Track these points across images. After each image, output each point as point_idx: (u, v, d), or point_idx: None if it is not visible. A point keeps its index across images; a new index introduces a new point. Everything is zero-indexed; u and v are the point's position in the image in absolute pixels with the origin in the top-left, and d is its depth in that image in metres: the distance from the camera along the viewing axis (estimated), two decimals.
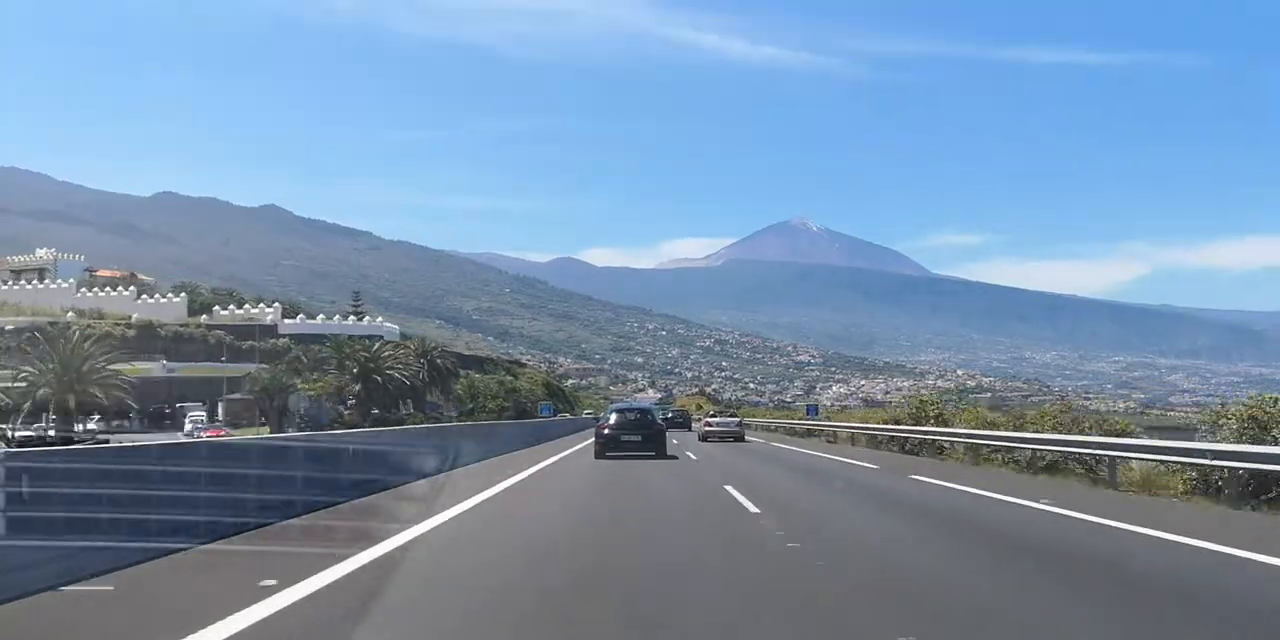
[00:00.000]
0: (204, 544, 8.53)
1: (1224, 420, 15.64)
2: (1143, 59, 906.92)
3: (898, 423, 32.51)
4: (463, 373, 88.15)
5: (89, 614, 6.14)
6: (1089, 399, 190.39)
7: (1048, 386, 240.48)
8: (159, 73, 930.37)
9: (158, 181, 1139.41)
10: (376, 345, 76.91)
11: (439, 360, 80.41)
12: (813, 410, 60.72)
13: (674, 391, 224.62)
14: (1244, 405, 15.74)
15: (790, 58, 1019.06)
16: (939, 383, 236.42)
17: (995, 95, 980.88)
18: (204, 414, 73.41)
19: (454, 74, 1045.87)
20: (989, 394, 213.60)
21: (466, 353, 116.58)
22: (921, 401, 33.59)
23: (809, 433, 48.25)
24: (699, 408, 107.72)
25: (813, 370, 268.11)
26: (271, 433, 55.97)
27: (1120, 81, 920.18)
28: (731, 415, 53.71)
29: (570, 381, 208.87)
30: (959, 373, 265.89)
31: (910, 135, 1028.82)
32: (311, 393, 73.79)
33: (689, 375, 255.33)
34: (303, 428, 61.48)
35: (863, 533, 10.85)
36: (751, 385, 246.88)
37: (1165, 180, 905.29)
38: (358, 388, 71.43)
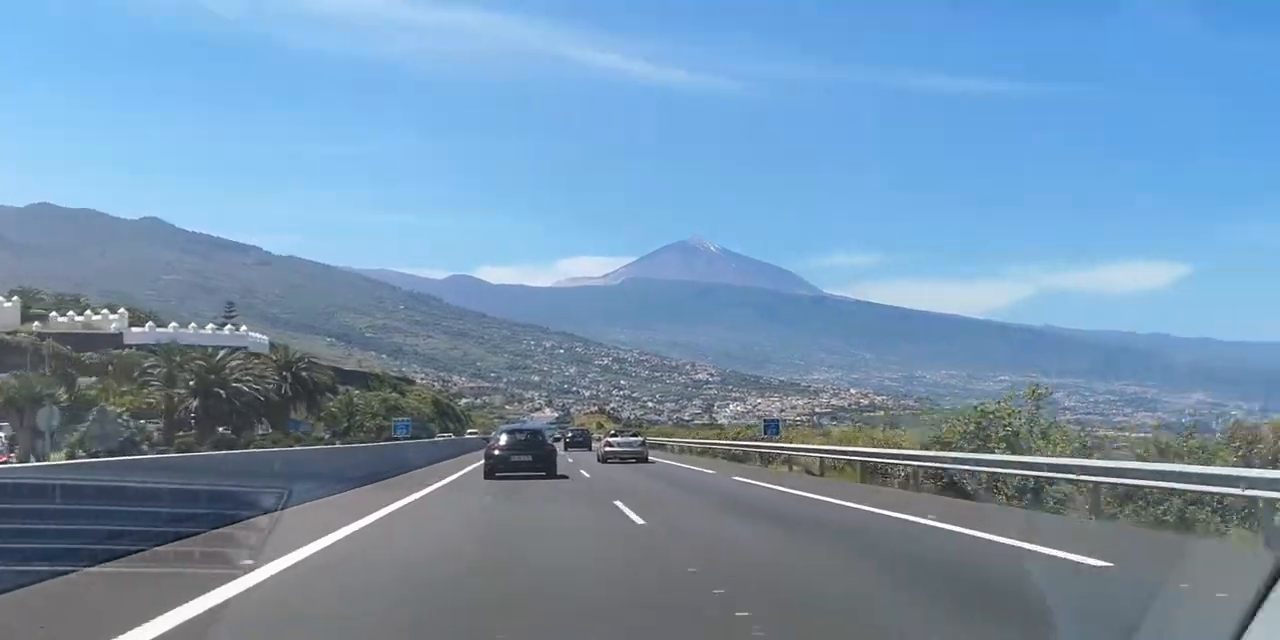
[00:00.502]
0: None
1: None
2: (1028, 88, 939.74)
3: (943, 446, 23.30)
4: (343, 389, 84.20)
5: None
6: None
7: (938, 404, 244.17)
8: (35, 81, 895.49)
9: (33, 192, 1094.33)
10: (221, 354, 67.51)
11: (305, 373, 71.97)
12: (772, 428, 47.79)
13: (572, 410, 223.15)
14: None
15: (690, 79, 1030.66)
16: (833, 401, 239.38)
17: (887, 119, 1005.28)
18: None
19: (348, 88, 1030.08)
20: (882, 412, 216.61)
21: (349, 368, 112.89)
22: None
23: (758, 457, 40.88)
24: (599, 426, 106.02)
25: (711, 388, 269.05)
26: (21, 459, 43.83)
27: (1006, 109, 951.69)
28: (635, 434, 51.07)
29: (465, 400, 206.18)
30: (852, 391, 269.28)
31: (804, 157, 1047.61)
32: (119, 409, 60.95)
33: (587, 394, 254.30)
34: (92, 452, 46.77)
35: None
36: (650, 403, 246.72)
37: (1050, 205, 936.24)
38: (195, 403, 61.96)
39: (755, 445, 44.02)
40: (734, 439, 53.57)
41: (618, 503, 17.14)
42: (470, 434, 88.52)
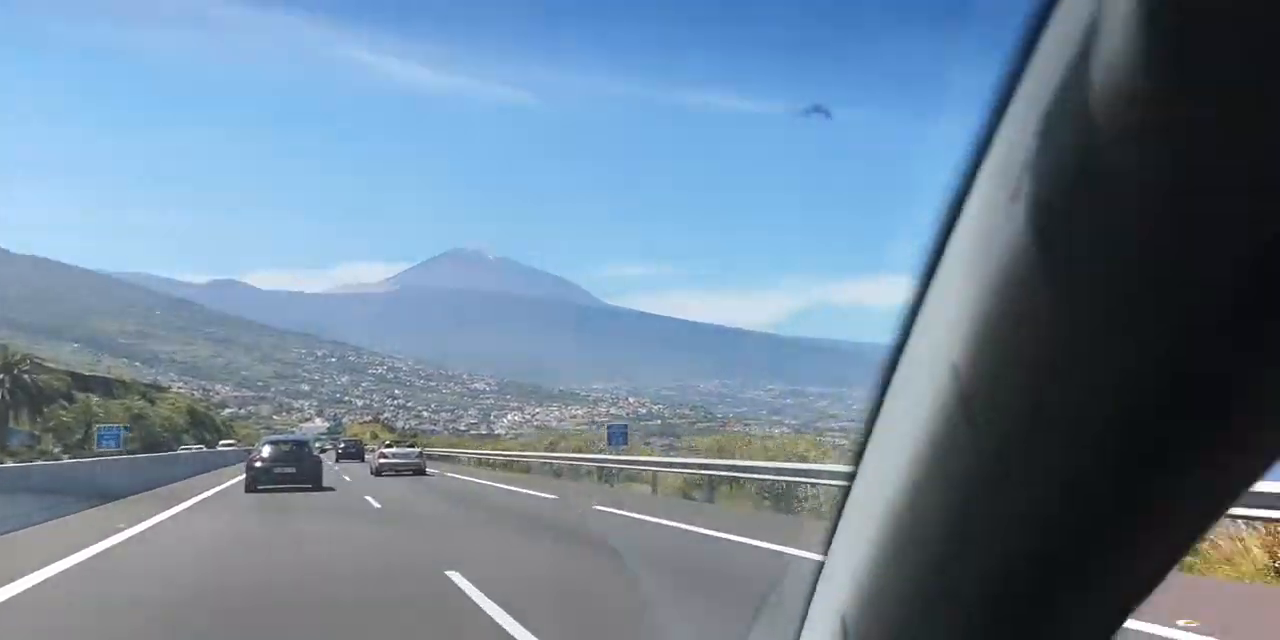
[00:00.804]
0: None
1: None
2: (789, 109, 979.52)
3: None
4: (82, 396, 76.54)
5: None
6: (748, 425, 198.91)
7: (711, 413, 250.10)
8: None
9: None
10: None
11: (29, 377, 64.84)
12: (617, 437, 38.96)
13: (344, 421, 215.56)
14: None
15: (472, 87, 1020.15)
16: (612, 410, 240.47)
17: (669, 134, 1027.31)
18: None
19: (110, 81, 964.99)
20: (659, 421, 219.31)
21: (90, 373, 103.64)
22: None
23: (595, 474, 34.00)
24: (374, 436, 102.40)
25: (488, 398, 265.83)
26: None
27: (773, 125, 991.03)
28: (411, 444, 49.33)
29: (229, 410, 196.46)
30: (630, 400, 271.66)
31: (587, 168, 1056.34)
32: None
33: (360, 404, 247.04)
34: None
35: None
36: (425, 413, 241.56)
37: (821, 220, 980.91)
38: None
39: (592, 459, 35.59)
40: (546, 450, 47.43)
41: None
42: (225, 445, 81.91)
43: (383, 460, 40.33)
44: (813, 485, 18.70)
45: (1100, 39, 0.56)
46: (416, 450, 44.35)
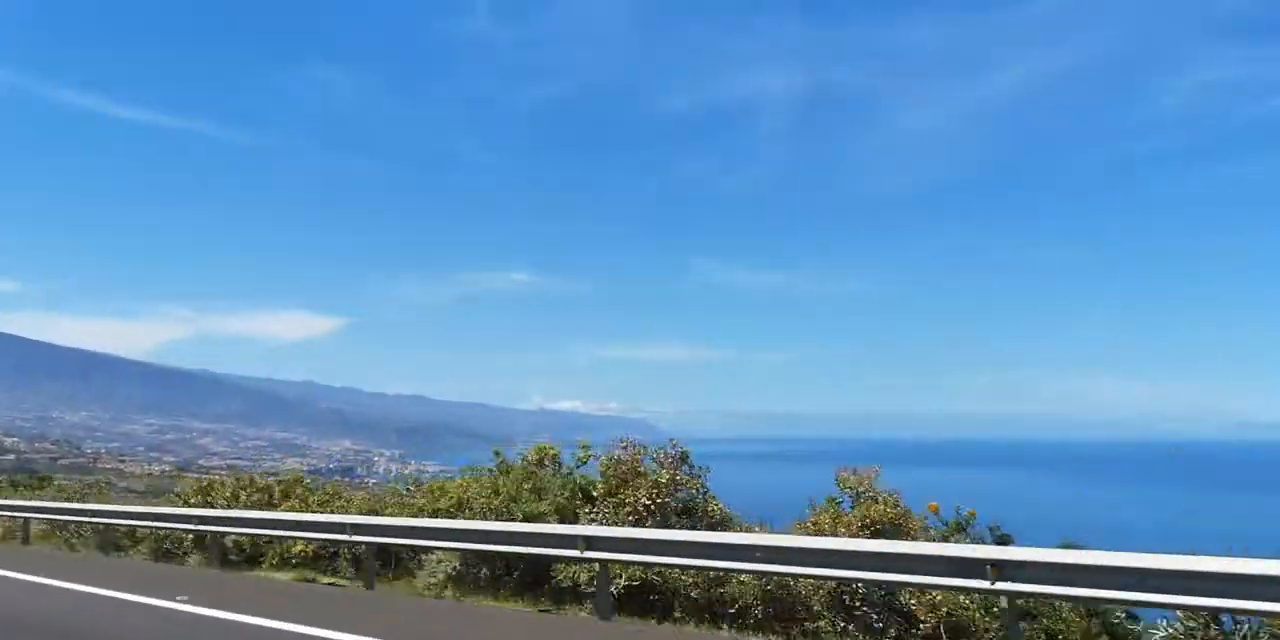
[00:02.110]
0: None
1: None
2: (199, 127, 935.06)
3: None
4: None
5: None
6: (124, 461, 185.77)
7: (79, 448, 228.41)
8: None
9: None
10: None
11: None
12: None
13: None
14: None
15: None
16: None
17: (40, 136, 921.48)
18: None
19: None
20: (13, 456, 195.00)
21: None
22: None
23: None
24: None
25: None
26: None
27: (178, 143, 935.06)
28: None
29: None
30: None
31: None
32: None
33: None
34: None
35: None
36: None
37: (211, 247, 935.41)
38: None
39: None
40: None
41: None
42: None
43: None
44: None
45: None
46: None
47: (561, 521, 13.47)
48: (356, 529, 14.03)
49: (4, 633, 9.30)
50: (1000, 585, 8.35)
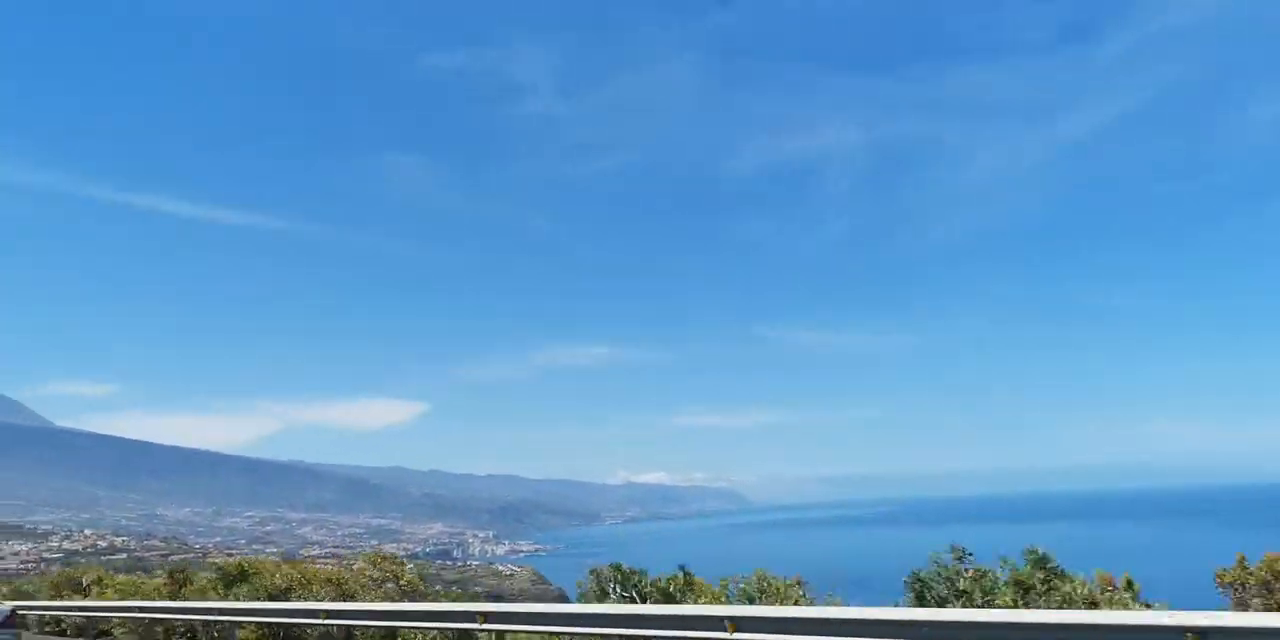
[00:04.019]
0: None
1: None
2: (273, 224, 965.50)
3: None
4: None
5: None
6: (230, 554, 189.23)
7: (186, 543, 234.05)
8: None
9: None
10: None
11: None
12: None
13: None
14: None
15: None
16: (65, 545, 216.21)
17: (135, 242, 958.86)
18: None
19: None
20: (124, 555, 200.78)
21: None
22: None
23: None
24: None
25: None
26: None
27: (254, 241, 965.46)
28: None
29: None
30: (87, 533, 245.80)
31: (27, 275, 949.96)
32: None
33: None
34: None
35: None
36: None
37: (297, 340, 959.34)
38: None
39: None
40: None
41: None
42: None
43: None
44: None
45: None
46: None
47: None
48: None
49: None
50: None
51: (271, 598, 20.53)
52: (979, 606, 11.05)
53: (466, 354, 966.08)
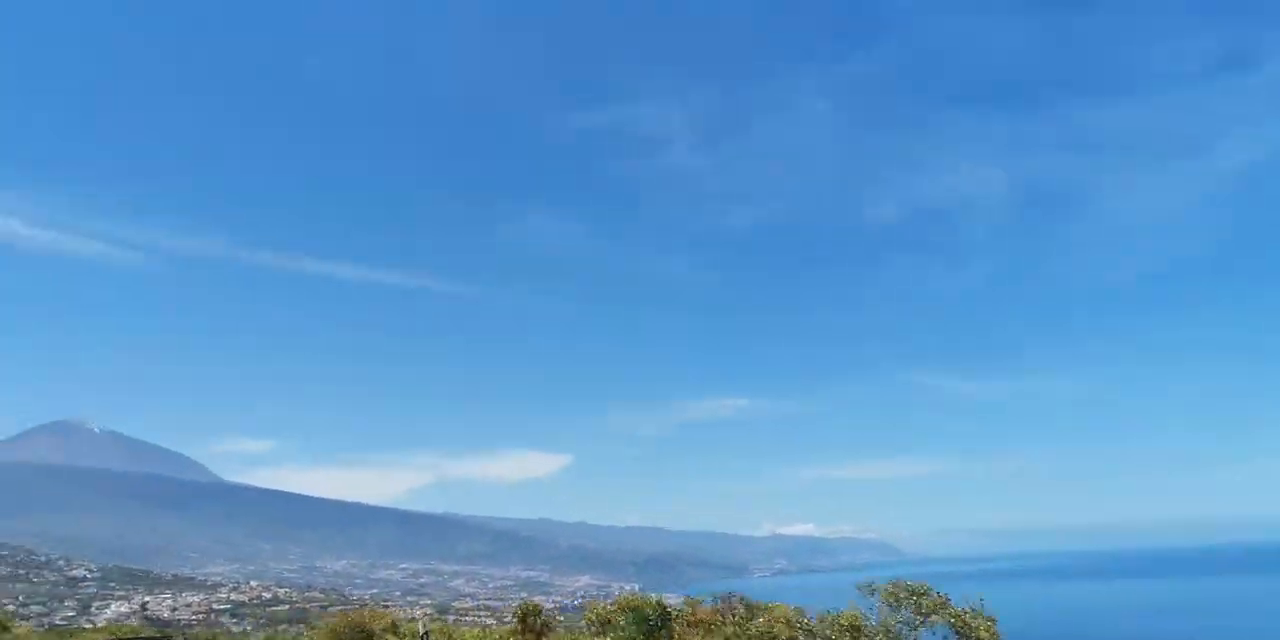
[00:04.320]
0: None
1: None
2: (423, 283, 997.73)
3: None
4: None
5: None
6: (388, 606, 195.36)
7: (344, 595, 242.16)
8: None
9: None
10: None
11: None
12: None
13: None
14: None
15: (74, 244, 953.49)
16: (233, 596, 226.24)
17: (290, 303, 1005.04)
18: None
19: None
20: (286, 605, 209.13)
21: None
22: None
23: None
24: None
25: (89, 586, 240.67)
26: None
27: (405, 300, 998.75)
28: None
29: None
30: (253, 585, 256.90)
31: (201, 337, 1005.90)
32: None
33: None
34: None
35: None
36: (11, 607, 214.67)
37: (445, 395, 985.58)
38: None
39: None
40: None
41: None
42: None
43: None
44: None
45: None
46: None
47: None
48: None
49: None
50: None
51: None
52: None
53: (610, 406, 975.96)
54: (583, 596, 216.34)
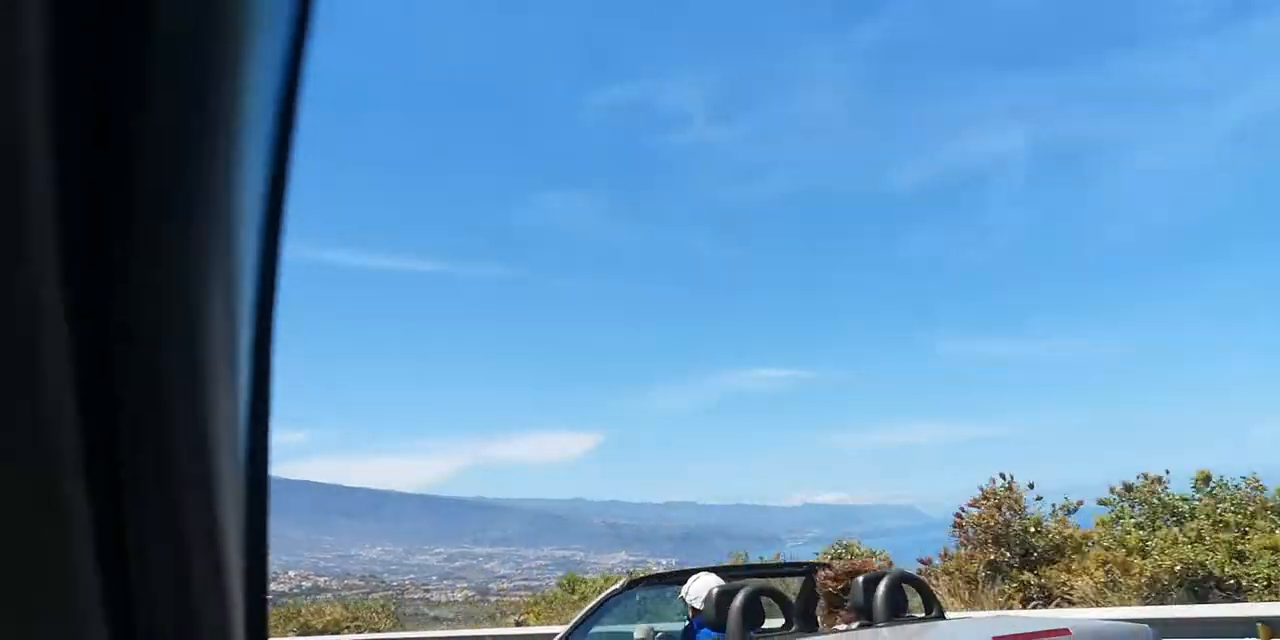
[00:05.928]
0: None
1: None
2: (443, 268, 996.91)
3: None
4: None
5: None
6: (428, 591, 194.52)
7: (383, 581, 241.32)
8: None
9: None
10: None
11: None
12: None
13: None
14: None
15: None
16: (273, 586, 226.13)
17: (314, 291, 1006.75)
18: None
19: None
20: (329, 594, 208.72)
21: None
22: None
23: None
24: None
25: None
26: None
27: (437, 285, 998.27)
28: None
29: None
30: (291, 574, 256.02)
31: None
32: None
33: None
34: None
35: None
36: None
37: (472, 378, 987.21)
38: None
39: None
40: None
41: None
42: None
43: None
44: None
45: None
46: None
47: None
48: None
49: None
50: None
51: None
52: None
53: (637, 383, 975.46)
54: (620, 573, 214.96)
